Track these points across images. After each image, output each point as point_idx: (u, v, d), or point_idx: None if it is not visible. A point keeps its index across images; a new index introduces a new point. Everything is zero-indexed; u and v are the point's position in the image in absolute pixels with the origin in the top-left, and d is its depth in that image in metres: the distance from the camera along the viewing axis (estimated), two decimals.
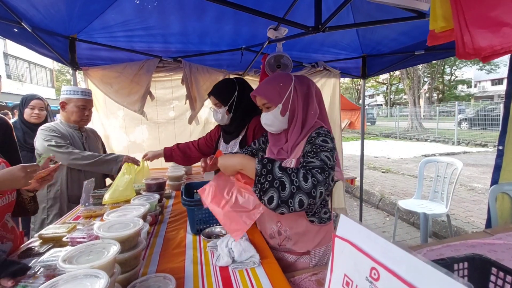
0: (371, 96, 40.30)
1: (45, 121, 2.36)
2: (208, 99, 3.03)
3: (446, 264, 0.78)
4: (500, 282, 0.73)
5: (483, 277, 0.77)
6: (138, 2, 2.09)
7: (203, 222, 1.31)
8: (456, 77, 27.45)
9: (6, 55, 17.25)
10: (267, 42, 2.37)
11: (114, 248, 0.76)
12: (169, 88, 3.09)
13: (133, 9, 2.15)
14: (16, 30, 1.88)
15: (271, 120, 1.14)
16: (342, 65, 3.42)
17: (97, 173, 2.02)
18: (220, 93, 1.70)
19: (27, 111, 2.29)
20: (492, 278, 0.75)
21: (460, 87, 30.31)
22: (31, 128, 2.26)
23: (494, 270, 0.75)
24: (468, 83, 31.89)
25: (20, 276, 0.85)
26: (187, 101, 2.90)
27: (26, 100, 2.32)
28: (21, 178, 1.01)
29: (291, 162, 1.09)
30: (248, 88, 1.74)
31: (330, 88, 3.52)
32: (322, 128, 1.09)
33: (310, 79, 1.22)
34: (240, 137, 1.71)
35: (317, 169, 0.94)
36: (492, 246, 1.23)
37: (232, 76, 3.24)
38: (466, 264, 0.79)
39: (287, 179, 0.87)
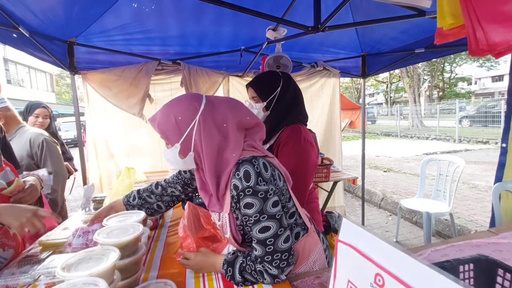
0: (371, 95, 40.26)
1: (49, 128, 2.36)
2: None
3: (452, 266, 0.76)
4: (507, 283, 0.72)
5: (489, 279, 0.75)
6: (136, 5, 2.08)
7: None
8: (456, 74, 27.41)
9: (6, 60, 17.34)
10: (266, 42, 2.37)
11: (114, 255, 0.75)
12: (168, 90, 3.09)
13: (131, 13, 2.15)
14: (15, 35, 1.88)
15: (172, 158, 0.92)
16: (341, 64, 3.41)
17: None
18: (261, 85, 1.44)
19: (31, 119, 2.27)
20: (499, 279, 0.74)
21: (460, 84, 30.29)
22: None
23: (500, 271, 0.73)
24: (468, 80, 31.85)
25: None
26: None
27: (30, 108, 2.30)
28: (25, 217, 0.97)
29: (225, 218, 0.93)
30: (293, 85, 1.46)
31: (330, 88, 3.51)
32: (239, 167, 0.85)
33: (233, 105, 0.93)
34: (269, 144, 1.43)
35: (265, 260, 0.84)
36: (497, 245, 1.21)
37: (231, 78, 3.25)
38: (472, 266, 0.78)
39: (250, 277, 0.88)
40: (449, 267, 0.76)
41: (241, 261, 0.89)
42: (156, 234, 1.37)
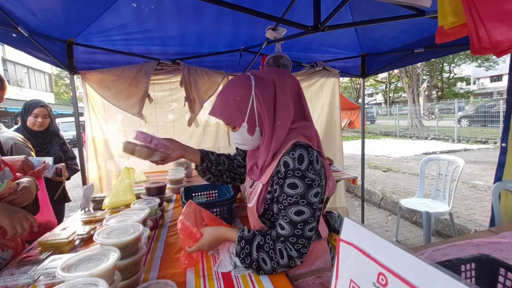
0: (370, 95, 40.31)
1: (48, 128, 2.26)
2: (207, 101, 3.05)
3: (453, 266, 0.76)
4: (508, 283, 0.72)
5: (491, 278, 0.75)
6: (135, 5, 2.08)
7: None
8: (455, 74, 27.48)
9: (4, 60, 17.29)
10: (266, 42, 2.37)
11: (114, 255, 0.75)
12: (167, 90, 3.08)
13: (131, 13, 2.14)
14: (14, 35, 1.87)
15: (242, 140, 0.98)
16: (341, 64, 3.41)
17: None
18: None
19: (30, 119, 2.17)
20: (500, 279, 0.74)
21: (459, 84, 30.35)
22: (34, 136, 2.18)
23: (502, 270, 0.73)
24: (467, 80, 31.93)
25: None
26: (186, 103, 2.89)
27: (29, 108, 2.18)
28: (15, 218, 0.99)
29: (258, 187, 0.97)
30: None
31: (329, 88, 3.51)
32: (295, 148, 0.88)
33: (276, 71, 0.99)
34: None
35: (289, 240, 0.86)
36: (498, 245, 1.21)
37: (230, 78, 3.24)
38: (473, 265, 0.78)
39: (266, 256, 0.89)
40: (451, 267, 0.75)
41: (259, 239, 0.90)
42: (156, 234, 1.36)
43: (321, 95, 3.51)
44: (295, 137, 0.92)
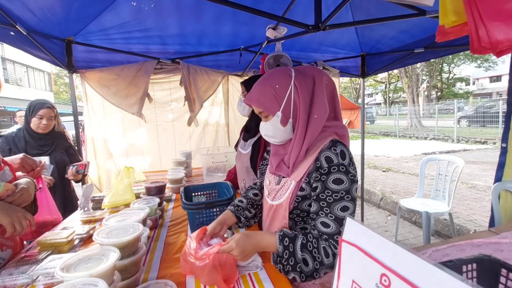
0: (370, 95, 40.32)
1: (53, 130, 2.10)
2: (207, 100, 3.04)
3: (455, 266, 0.76)
4: (510, 283, 0.71)
5: (492, 279, 0.75)
6: (135, 4, 2.07)
7: (204, 225, 1.29)
8: (455, 74, 27.52)
9: (3, 59, 17.24)
10: (266, 42, 2.36)
11: (114, 255, 0.75)
12: (167, 89, 3.07)
13: (130, 11, 2.14)
14: (12, 33, 1.86)
15: (272, 131, 0.96)
16: (341, 64, 3.40)
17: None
18: (248, 82, 1.64)
19: (34, 121, 2.00)
20: (502, 279, 0.73)
21: (458, 84, 30.39)
22: (36, 138, 2.03)
23: (504, 271, 0.73)
24: (466, 80, 31.96)
25: None
26: (186, 102, 2.88)
27: (34, 108, 2.02)
28: (14, 216, 0.99)
29: (290, 184, 0.96)
30: None
31: None
32: (336, 144, 0.89)
33: (316, 69, 1.00)
34: (256, 138, 1.62)
35: (334, 239, 0.84)
36: (498, 245, 1.21)
37: (230, 77, 3.24)
38: (475, 266, 0.77)
39: (309, 257, 0.84)
40: (452, 267, 0.75)
41: (301, 238, 0.86)
42: (155, 234, 1.35)
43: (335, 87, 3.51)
44: (330, 135, 0.94)
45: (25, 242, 1.34)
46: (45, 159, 1.85)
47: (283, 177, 0.99)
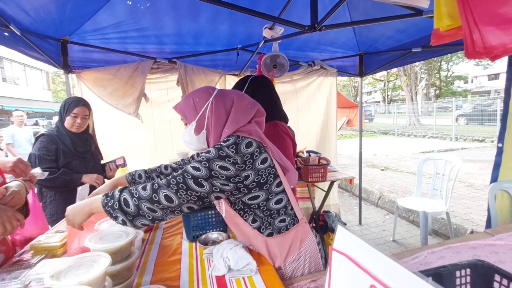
0: (369, 93, 40.31)
1: (87, 130, 2.03)
2: None
3: (449, 272, 0.75)
4: None
5: (486, 284, 0.75)
6: (130, 3, 2.05)
7: (199, 228, 1.29)
8: (453, 73, 27.50)
9: (0, 58, 17.15)
10: (263, 41, 2.35)
11: (105, 261, 0.74)
12: (164, 89, 3.06)
13: (126, 10, 2.12)
14: (6, 34, 1.84)
15: (189, 137, 1.07)
16: (339, 63, 3.40)
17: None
18: (238, 85, 1.66)
19: (68, 119, 1.91)
20: (495, 285, 0.73)
21: (457, 82, 30.41)
22: (73, 139, 1.96)
23: (497, 277, 0.73)
24: (464, 78, 31.96)
25: None
26: None
27: (68, 106, 1.92)
28: (4, 216, 0.97)
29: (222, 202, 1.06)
30: (264, 88, 1.62)
31: (327, 87, 3.50)
32: (228, 137, 0.96)
33: (240, 94, 1.09)
34: None
35: (168, 180, 0.90)
36: (494, 247, 1.21)
37: (228, 77, 3.23)
38: (468, 271, 0.77)
39: (127, 195, 0.89)
40: (446, 273, 0.75)
41: (128, 189, 0.91)
42: (150, 237, 1.35)
43: (319, 94, 3.50)
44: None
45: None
46: (37, 170, 1.69)
47: None
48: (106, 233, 0.92)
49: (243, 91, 1.59)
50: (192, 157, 1.37)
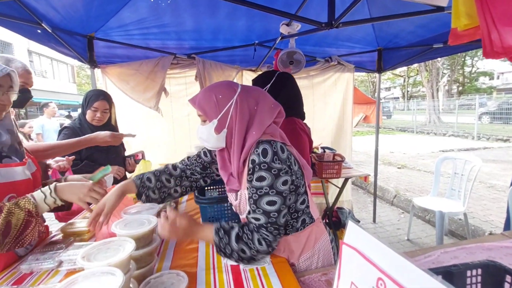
0: (388, 89, 39.21)
1: (109, 122, 2.08)
2: None
3: (459, 271, 0.76)
4: None
5: (497, 285, 0.75)
6: (152, 0, 2.11)
7: (215, 219, 1.34)
8: (478, 68, 26.22)
9: (30, 52, 17.94)
10: (280, 37, 2.36)
11: (130, 246, 0.80)
12: (183, 84, 3.13)
13: (148, 8, 2.18)
14: (39, 31, 1.95)
15: (206, 135, 1.01)
16: (356, 59, 3.35)
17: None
18: (255, 82, 1.72)
19: (89, 113, 1.97)
20: (506, 286, 0.74)
21: (481, 79, 28.97)
22: (94, 131, 1.94)
23: (508, 277, 0.73)
24: (490, 74, 30.39)
25: None
26: None
27: (89, 100, 1.97)
28: (83, 192, 1.04)
29: (244, 195, 0.99)
30: (290, 85, 1.66)
31: (343, 83, 3.47)
32: (258, 145, 0.92)
33: (262, 92, 1.05)
34: None
35: (264, 227, 0.91)
36: (509, 249, 1.19)
37: (245, 72, 3.26)
38: (479, 271, 0.78)
39: (245, 247, 0.92)
40: (456, 272, 0.76)
41: (237, 230, 0.93)
42: None
43: (335, 90, 3.47)
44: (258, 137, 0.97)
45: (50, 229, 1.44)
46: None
47: (238, 190, 1.02)
48: (130, 220, 0.99)
49: (270, 85, 1.61)
50: (199, 155, 1.24)
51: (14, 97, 1.06)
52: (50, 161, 1.69)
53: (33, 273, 0.99)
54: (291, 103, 1.64)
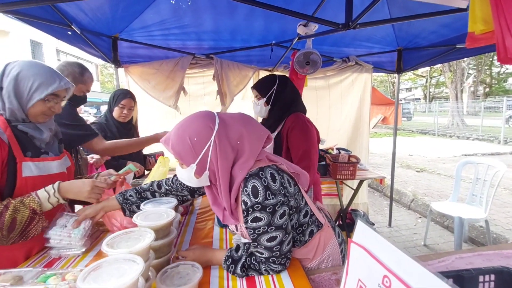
0: (408, 89, 38.03)
1: (131, 120, 2.22)
2: (238, 94, 3.12)
3: (471, 275, 0.76)
4: None
5: None
6: (173, 2, 2.18)
7: None
8: (507, 69, 24.86)
9: (58, 51, 18.91)
10: (297, 38, 2.37)
11: (150, 236, 0.85)
12: (201, 84, 3.20)
13: (169, 9, 2.26)
14: (69, 33, 2.08)
15: (187, 178, 0.94)
16: (375, 59, 3.29)
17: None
18: (259, 85, 1.80)
19: (116, 110, 2.11)
20: None
21: (510, 80, 27.48)
22: (119, 127, 2.17)
23: None
24: None
25: None
26: (218, 96, 2.99)
27: (117, 98, 2.11)
28: (85, 192, 1.12)
29: (243, 228, 0.95)
30: (290, 84, 1.78)
31: (361, 84, 3.42)
32: (247, 183, 0.86)
33: (247, 121, 0.95)
34: (276, 132, 1.75)
35: (271, 261, 0.93)
36: None
37: (261, 72, 3.29)
38: (492, 277, 0.77)
39: (254, 273, 0.95)
40: (468, 276, 0.76)
41: (243, 260, 0.95)
42: (186, 220, 1.48)
43: (352, 91, 3.43)
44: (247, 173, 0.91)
45: None
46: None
47: (236, 223, 0.98)
48: (150, 213, 1.04)
49: (275, 87, 1.72)
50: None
51: (63, 103, 1.19)
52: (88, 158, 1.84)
53: (61, 258, 1.07)
54: (295, 99, 1.77)
